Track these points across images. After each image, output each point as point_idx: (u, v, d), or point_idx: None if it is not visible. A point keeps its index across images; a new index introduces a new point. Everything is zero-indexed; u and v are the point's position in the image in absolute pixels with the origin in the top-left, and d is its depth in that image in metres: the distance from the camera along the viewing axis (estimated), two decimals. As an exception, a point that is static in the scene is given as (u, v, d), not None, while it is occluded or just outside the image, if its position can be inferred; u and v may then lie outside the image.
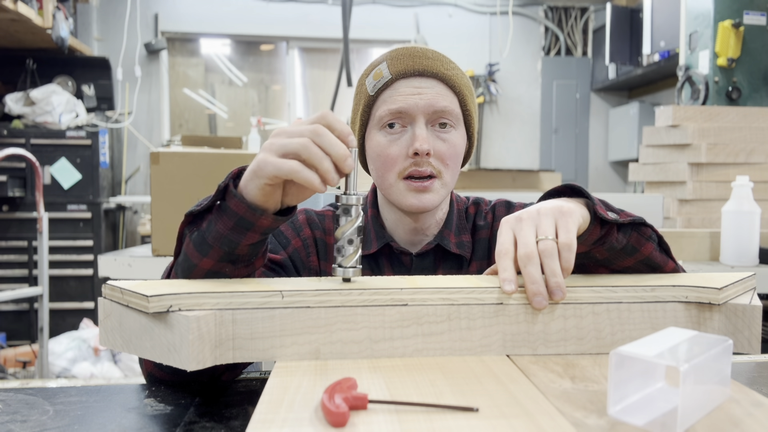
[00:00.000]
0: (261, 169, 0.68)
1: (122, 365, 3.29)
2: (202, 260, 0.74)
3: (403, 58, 0.99)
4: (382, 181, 1.01)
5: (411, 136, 0.97)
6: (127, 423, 0.65)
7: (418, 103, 0.96)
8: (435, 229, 1.06)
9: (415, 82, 0.98)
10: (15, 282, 4.02)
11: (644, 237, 0.82)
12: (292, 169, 0.67)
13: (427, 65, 0.98)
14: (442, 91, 0.98)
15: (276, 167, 0.67)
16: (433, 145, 0.97)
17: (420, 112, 0.97)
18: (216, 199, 0.73)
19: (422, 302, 0.69)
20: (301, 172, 0.67)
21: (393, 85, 0.99)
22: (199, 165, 2.05)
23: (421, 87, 0.97)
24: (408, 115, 0.97)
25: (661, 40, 3.99)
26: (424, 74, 0.98)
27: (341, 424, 0.49)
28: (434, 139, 0.98)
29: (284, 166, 0.67)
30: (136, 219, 4.84)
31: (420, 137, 0.95)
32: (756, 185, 2.10)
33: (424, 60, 0.99)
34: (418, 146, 0.95)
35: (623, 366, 0.52)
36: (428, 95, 0.97)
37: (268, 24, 5.11)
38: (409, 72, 0.98)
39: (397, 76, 0.98)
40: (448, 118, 0.98)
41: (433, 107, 0.97)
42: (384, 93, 0.99)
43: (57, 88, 4.10)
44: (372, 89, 1.00)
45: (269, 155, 0.68)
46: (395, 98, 0.98)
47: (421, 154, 0.96)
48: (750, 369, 0.85)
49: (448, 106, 0.98)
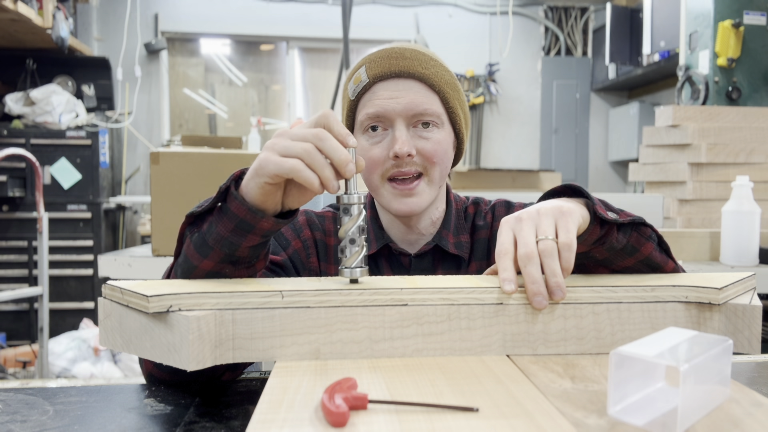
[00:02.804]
0: (263, 167, 0.69)
1: (122, 365, 3.29)
2: (203, 261, 0.74)
3: (381, 61, 0.99)
4: (369, 183, 1.01)
5: (391, 139, 0.97)
6: (127, 423, 0.65)
7: (396, 107, 0.96)
8: (432, 229, 1.06)
9: (393, 85, 0.97)
10: (15, 282, 4.02)
11: (644, 237, 0.82)
12: (294, 167, 0.67)
13: (404, 66, 0.98)
14: (420, 91, 0.98)
15: (278, 165, 0.67)
16: (416, 145, 0.97)
17: (398, 115, 0.96)
18: (217, 201, 0.73)
19: (422, 302, 0.69)
20: (302, 172, 0.67)
21: (371, 89, 0.99)
22: (199, 165, 2.05)
23: (398, 89, 0.97)
24: (386, 118, 0.97)
25: (661, 40, 3.99)
26: (400, 75, 0.97)
27: (341, 424, 0.49)
28: (417, 139, 0.97)
29: (286, 164, 0.67)
30: (136, 219, 4.84)
31: (399, 140, 0.95)
32: (756, 185, 2.10)
33: (401, 61, 0.98)
34: (398, 149, 0.95)
35: (623, 366, 0.52)
36: (406, 97, 0.96)
37: (268, 24, 5.11)
38: (385, 75, 0.98)
39: (374, 79, 0.98)
40: (429, 118, 0.98)
41: (411, 109, 0.96)
42: (364, 97, 1.00)
43: (57, 88, 4.10)
44: (352, 94, 1.01)
45: (272, 154, 0.69)
46: (374, 102, 0.98)
47: (401, 157, 0.95)
48: (750, 369, 0.85)
49: (429, 107, 0.97)
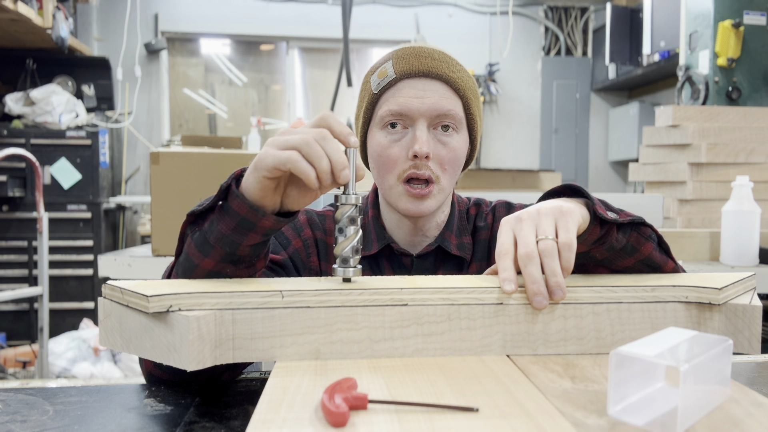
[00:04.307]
0: (261, 161, 0.69)
1: (122, 365, 3.29)
2: (204, 260, 0.74)
3: (409, 58, 0.98)
4: (382, 181, 1.00)
5: (411, 138, 0.96)
6: (127, 423, 0.65)
7: (420, 106, 0.96)
8: (435, 231, 1.05)
9: (419, 84, 0.97)
10: (15, 282, 4.02)
11: (644, 237, 0.82)
12: (290, 157, 0.67)
13: (432, 66, 0.97)
14: (446, 93, 0.97)
15: (275, 157, 0.68)
16: (433, 149, 0.96)
17: (421, 115, 0.96)
18: (218, 199, 0.73)
19: (422, 302, 0.69)
20: (299, 162, 0.67)
21: (397, 85, 0.98)
22: (199, 165, 2.05)
23: (424, 89, 0.96)
24: (409, 117, 0.97)
25: (661, 40, 3.99)
26: (428, 75, 0.97)
27: (341, 424, 0.49)
28: (435, 142, 0.97)
29: (282, 155, 0.68)
30: (136, 219, 4.84)
31: (420, 140, 0.95)
32: (756, 185, 2.10)
33: (429, 61, 0.98)
34: (418, 149, 0.94)
35: (623, 366, 0.52)
36: (431, 98, 0.96)
37: (268, 24, 5.11)
38: (413, 72, 0.97)
39: (401, 75, 0.97)
40: (450, 121, 0.97)
41: (435, 110, 0.96)
42: (387, 92, 0.99)
43: (57, 88, 4.10)
44: (376, 87, 1.00)
45: (270, 148, 0.69)
46: (398, 99, 0.97)
47: (420, 157, 0.95)
48: (750, 369, 0.85)
49: (452, 109, 0.97)
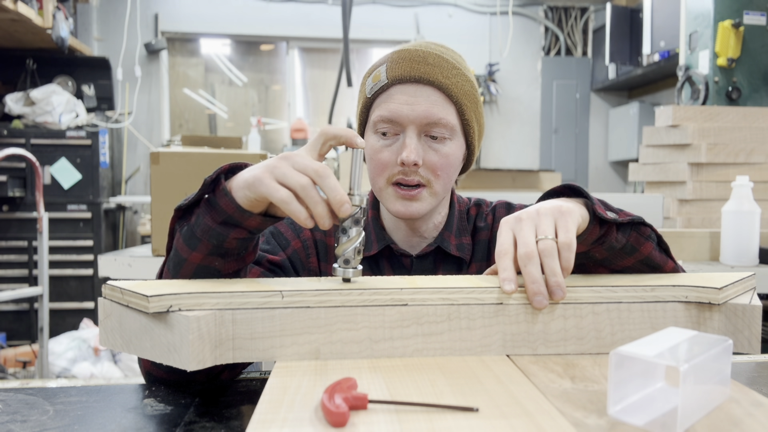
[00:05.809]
0: (255, 186, 0.68)
1: (122, 365, 3.29)
2: (192, 254, 0.74)
3: (402, 63, 0.97)
4: (374, 183, 1.01)
5: (401, 145, 0.96)
6: (127, 423, 0.65)
7: (410, 113, 0.94)
8: (434, 232, 1.05)
9: (410, 90, 0.95)
10: (15, 282, 4.02)
11: (643, 236, 0.82)
12: (283, 199, 0.67)
13: (425, 72, 0.95)
14: (437, 100, 0.95)
15: (269, 190, 0.67)
16: (423, 156, 0.95)
17: (411, 122, 0.95)
18: (203, 193, 0.73)
19: (422, 302, 0.69)
20: (290, 204, 0.67)
21: (389, 90, 0.97)
22: (199, 165, 2.05)
23: (416, 95, 0.95)
24: (399, 123, 0.96)
25: (661, 40, 3.99)
26: (420, 81, 0.95)
27: (341, 424, 0.49)
28: (426, 149, 0.96)
29: (276, 194, 0.67)
30: (136, 219, 4.83)
31: (409, 147, 0.94)
32: (756, 185, 2.10)
33: (423, 66, 0.96)
34: (405, 157, 0.94)
35: (623, 366, 0.52)
36: (422, 105, 0.95)
37: (268, 24, 5.11)
38: (405, 78, 0.95)
39: (393, 81, 0.96)
40: (440, 130, 0.96)
41: (425, 118, 0.95)
42: (380, 97, 0.98)
43: (57, 88, 4.10)
44: (369, 92, 1.00)
45: (268, 177, 0.68)
46: (389, 105, 0.96)
47: (408, 165, 0.94)
48: (750, 369, 0.85)
49: (443, 117, 0.95)
